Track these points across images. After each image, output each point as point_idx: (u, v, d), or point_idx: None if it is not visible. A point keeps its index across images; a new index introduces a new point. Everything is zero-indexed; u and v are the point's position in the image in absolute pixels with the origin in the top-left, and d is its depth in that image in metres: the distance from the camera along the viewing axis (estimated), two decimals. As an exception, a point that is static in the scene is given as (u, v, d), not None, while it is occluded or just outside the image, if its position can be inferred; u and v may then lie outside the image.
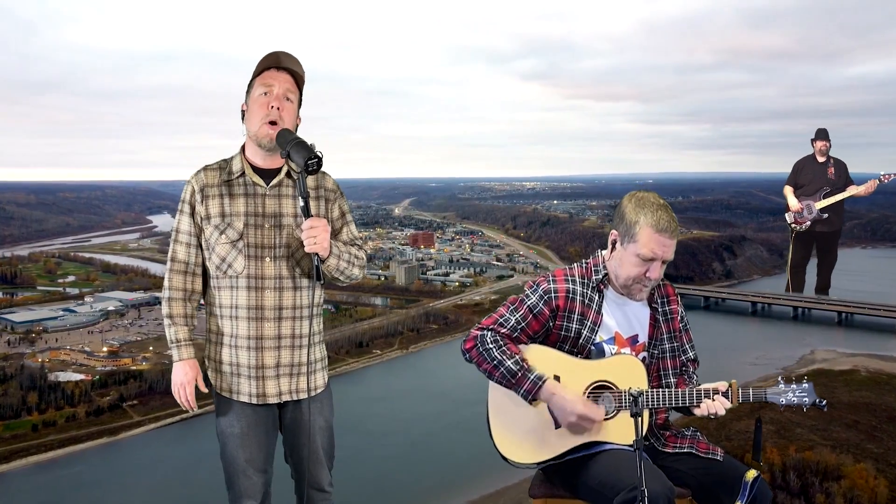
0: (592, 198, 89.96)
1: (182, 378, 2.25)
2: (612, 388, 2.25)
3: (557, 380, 2.24)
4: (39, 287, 57.90)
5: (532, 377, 2.21)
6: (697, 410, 2.21)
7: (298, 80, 2.27)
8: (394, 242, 73.04)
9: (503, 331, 2.27)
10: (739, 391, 2.20)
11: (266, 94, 2.22)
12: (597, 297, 2.30)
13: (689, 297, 53.05)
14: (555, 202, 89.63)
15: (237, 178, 2.26)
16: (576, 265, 2.37)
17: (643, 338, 2.33)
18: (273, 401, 2.27)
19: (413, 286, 61.95)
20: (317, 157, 2.03)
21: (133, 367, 44.29)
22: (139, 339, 48.65)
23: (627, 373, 2.24)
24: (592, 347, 2.28)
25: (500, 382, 2.25)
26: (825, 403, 2.19)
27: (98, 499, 30.93)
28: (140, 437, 38.20)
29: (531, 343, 2.31)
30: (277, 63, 2.23)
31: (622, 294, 2.30)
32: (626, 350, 2.30)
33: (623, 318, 2.32)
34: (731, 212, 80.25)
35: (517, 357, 2.23)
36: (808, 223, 7.27)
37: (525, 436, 2.29)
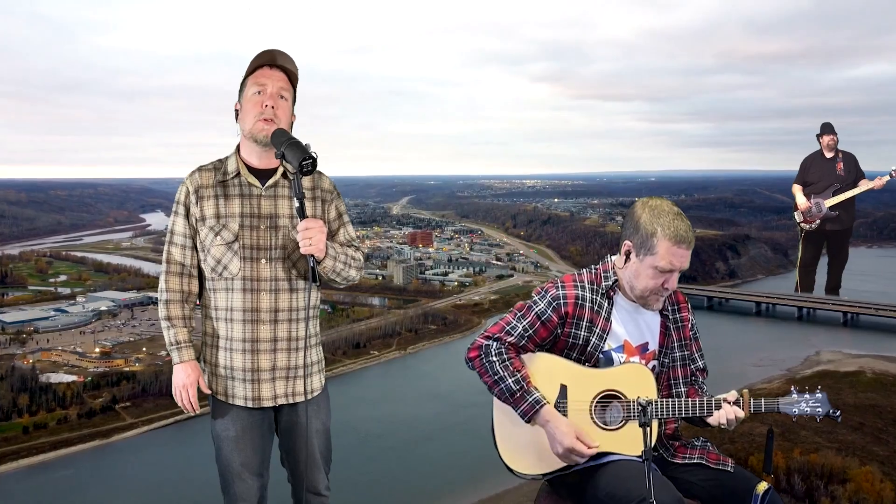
0: (594, 196, 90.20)
1: (184, 380, 2.24)
2: (621, 398, 2.19)
3: (565, 389, 2.20)
4: (30, 287, 57.66)
5: (530, 400, 2.17)
6: (710, 420, 2.15)
7: (292, 78, 2.26)
8: (391, 241, 72.73)
9: (510, 339, 2.22)
10: (751, 401, 2.15)
11: (260, 93, 2.20)
12: (606, 304, 2.24)
13: (693, 297, 52.72)
14: (555, 200, 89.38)
15: (232, 179, 2.24)
16: (584, 271, 2.32)
17: (653, 346, 2.28)
18: (268, 404, 2.26)
19: (411, 286, 61.76)
20: (311, 158, 2.01)
21: (126, 369, 44.07)
22: (132, 340, 48.37)
23: (636, 382, 2.19)
24: (601, 356, 2.24)
25: (499, 398, 2.23)
26: (839, 414, 2.14)
27: (90, 503, 30.67)
28: (133, 440, 37.96)
29: (538, 350, 2.26)
30: (271, 61, 2.21)
31: (633, 301, 2.24)
32: (636, 359, 2.26)
33: (633, 326, 2.26)
34: (735, 210, 79.85)
35: (518, 375, 2.18)
36: (818, 222, 7.05)
37: (531, 447, 2.24)
